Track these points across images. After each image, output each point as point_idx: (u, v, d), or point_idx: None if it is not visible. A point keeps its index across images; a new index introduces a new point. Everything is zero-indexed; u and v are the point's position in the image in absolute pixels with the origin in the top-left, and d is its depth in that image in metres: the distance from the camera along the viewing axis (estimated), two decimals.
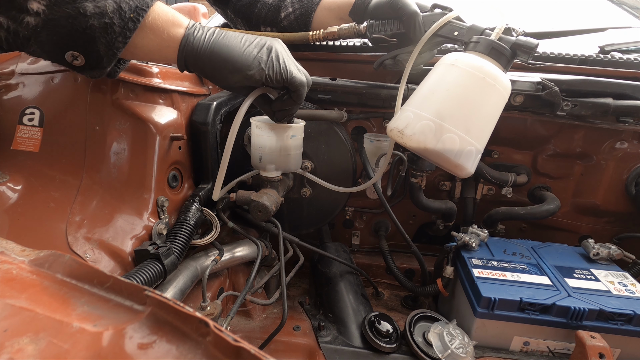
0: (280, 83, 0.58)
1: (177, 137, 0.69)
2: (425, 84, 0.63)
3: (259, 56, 0.55)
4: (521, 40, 0.60)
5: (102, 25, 0.45)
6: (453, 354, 0.63)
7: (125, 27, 0.47)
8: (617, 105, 0.77)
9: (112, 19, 0.46)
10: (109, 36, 0.47)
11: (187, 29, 0.54)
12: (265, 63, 0.55)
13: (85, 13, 0.44)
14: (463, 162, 0.58)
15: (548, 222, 0.99)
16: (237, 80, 0.56)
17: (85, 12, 0.44)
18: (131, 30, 0.48)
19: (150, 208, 0.65)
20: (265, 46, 0.56)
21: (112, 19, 0.46)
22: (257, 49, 0.56)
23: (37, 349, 0.22)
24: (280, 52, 0.57)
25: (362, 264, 1.04)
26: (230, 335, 0.22)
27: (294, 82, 0.58)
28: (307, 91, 0.62)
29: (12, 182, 0.56)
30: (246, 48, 0.55)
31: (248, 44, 0.56)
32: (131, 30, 0.48)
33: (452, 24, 0.67)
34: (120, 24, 0.47)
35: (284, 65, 0.57)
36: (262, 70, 0.55)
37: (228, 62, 0.54)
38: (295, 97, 0.61)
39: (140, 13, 0.48)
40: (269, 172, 0.72)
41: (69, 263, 0.30)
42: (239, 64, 0.54)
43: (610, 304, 0.64)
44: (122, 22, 0.47)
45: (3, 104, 0.61)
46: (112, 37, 0.47)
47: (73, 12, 0.44)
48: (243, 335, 0.76)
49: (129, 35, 0.48)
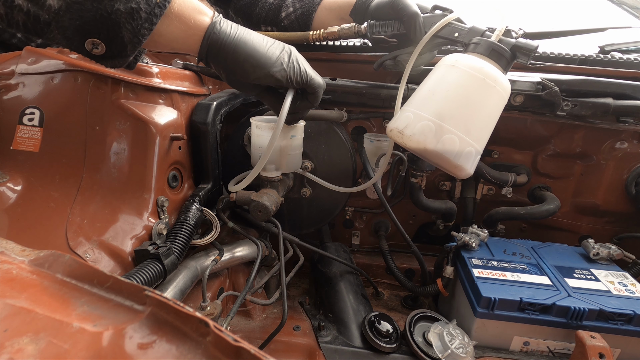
0: (300, 85, 0.59)
1: (177, 137, 0.69)
2: (425, 84, 0.63)
3: (281, 56, 0.57)
4: (521, 42, 0.60)
5: (128, 10, 0.44)
6: (453, 354, 0.63)
7: (152, 13, 0.46)
8: (617, 105, 0.77)
9: (139, 4, 0.44)
10: (135, 22, 0.45)
11: (212, 19, 0.53)
12: (287, 64, 0.57)
13: None
14: (462, 162, 0.58)
15: (548, 222, 0.99)
16: (258, 77, 0.56)
17: None
18: (157, 16, 0.47)
19: (150, 208, 0.65)
20: (285, 49, 0.58)
21: (138, 4, 0.44)
22: (278, 50, 0.57)
23: (37, 349, 0.22)
24: (299, 57, 0.59)
25: (362, 264, 1.04)
26: (230, 335, 0.22)
27: (313, 83, 0.60)
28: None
29: (12, 182, 0.56)
30: (270, 47, 0.56)
31: (271, 43, 0.57)
32: (157, 16, 0.47)
33: (453, 26, 0.67)
34: (146, 9, 0.45)
35: (304, 68, 0.59)
36: (284, 70, 0.56)
37: (252, 57, 0.55)
38: (312, 98, 0.63)
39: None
40: (269, 172, 0.72)
41: (69, 263, 0.30)
42: (263, 60, 0.55)
43: (610, 304, 0.64)
44: (149, 8, 0.45)
45: (3, 104, 0.61)
46: (137, 22, 0.45)
47: None
48: (243, 335, 0.76)
49: (155, 22, 0.47)
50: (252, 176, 0.63)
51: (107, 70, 0.60)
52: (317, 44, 0.90)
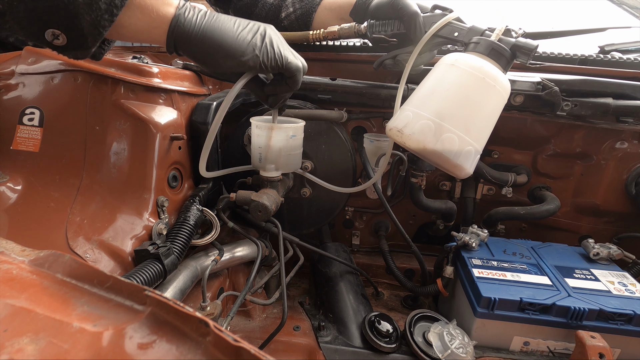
0: (275, 69, 0.56)
1: (177, 137, 0.69)
2: (425, 83, 0.63)
3: (253, 42, 0.53)
4: (521, 42, 0.60)
5: (86, 1, 0.42)
6: (453, 354, 0.63)
7: (112, 4, 0.44)
8: (617, 105, 0.77)
9: None
10: (94, 13, 0.43)
11: (177, 9, 0.50)
12: (259, 49, 0.53)
13: None
14: (462, 162, 0.58)
15: (548, 222, 0.99)
16: (230, 66, 0.54)
17: None
18: (118, 7, 0.44)
19: (150, 208, 0.65)
20: (258, 31, 0.54)
21: None
22: (250, 34, 0.54)
23: (37, 349, 0.22)
24: (274, 38, 0.55)
25: (362, 264, 1.04)
26: (230, 335, 0.22)
27: (290, 67, 0.57)
28: (302, 76, 0.61)
29: (12, 182, 0.56)
30: (240, 33, 0.53)
31: (242, 28, 0.53)
32: (118, 7, 0.44)
33: (453, 25, 0.67)
34: (106, 0, 0.43)
35: (278, 51, 0.55)
36: (256, 56, 0.53)
37: (221, 47, 0.52)
38: (291, 82, 0.59)
39: None
40: (269, 172, 0.72)
41: (69, 263, 0.30)
42: (233, 49, 0.52)
43: (610, 304, 0.64)
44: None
45: (3, 104, 0.61)
46: (97, 14, 0.43)
47: None
48: (243, 335, 0.76)
49: (116, 13, 0.45)
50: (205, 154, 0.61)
51: (107, 70, 0.60)
52: (317, 44, 0.90)
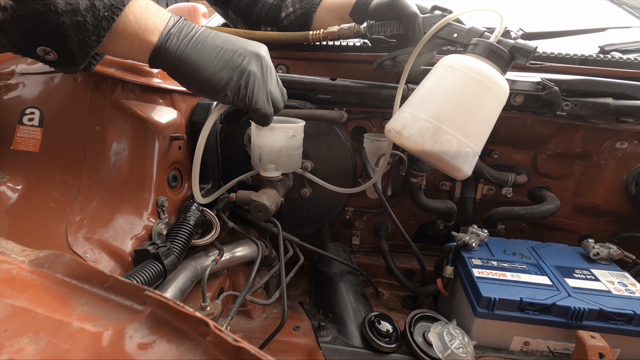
0: (245, 108, 0.57)
1: (177, 137, 0.69)
2: (424, 85, 0.63)
3: (227, 81, 0.53)
4: (520, 43, 0.60)
5: (74, 23, 0.43)
6: (453, 354, 0.63)
7: (99, 26, 0.45)
8: (617, 105, 0.77)
9: (85, 17, 0.43)
10: (82, 34, 0.44)
11: (159, 39, 0.49)
12: (231, 89, 0.53)
13: (57, 10, 0.42)
14: (460, 164, 0.58)
15: (548, 222, 0.99)
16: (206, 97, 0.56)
17: (57, 9, 0.41)
18: (105, 29, 0.45)
19: (150, 208, 0.65)
20: (238, 69, 0.53)
21: (84, 17, 0.43)
22: (227, 71, 0.52)
23: (37, 349, 0.22)
24: (252, 77, 0.54)
25: (362, 264, 1.04)
26: (230, 335, 0.22)
27: (258, 112, 0.57)
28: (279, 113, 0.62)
29: (12, 182, 0.56)
30: (217, 71, 0.52)
31: (222, 63, 0.52)
32: (105, 29, 0.45)
33: (452, 26, 0.67)
34: (93, 22, 0.44)
35: (250, 94, 0.54)
36: (226, 96, 0.54)
37: (195, 82, 0.52)
38: (260, 122, 0.61)
39: (115, 12, 0.45)
40: (269, 172, 0.72)
41: (69, 263, 0.30)
42: (205, 86, 0.53)
43: (610, 304, 0.64)
44: (96, 21, 0.44)
45: (3, 104, 0.61)
46: (84, 35, 0.44)
47: (43, 8, 0.41)
48: (243, 335, 0.76)
49: (103, 34, 0.46)
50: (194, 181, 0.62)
51: (107, 70, 0.60)
52: (317, 44, 0.90)
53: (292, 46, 0.89)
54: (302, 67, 0.91)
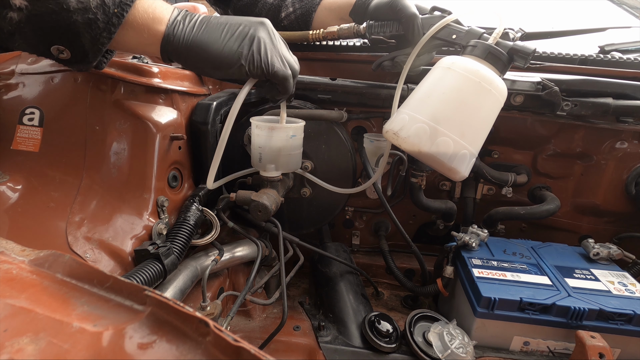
0: (262, 77, 0.56)
1: (177, 137, 0.69)
2: (422, 86, 0.63)
3: (239, 50, 0.53)
4: (518, 46, 0.60)
5: (85, 21, 0.45)
6: (453, 354, 0.63)
7: (110, 23, 0.46)
8: (617, 105, 0.77)
9: (96, 15, 0.45)
10: (93, 32, 0.46)
11: (167, 27, 0.52)
12: (245, 58, 0.53)
13: (69, 8, 0.43)
14: (457, 165, 0.58)
15: (548, 222, 0.99)
16: (220, 76, 0.56)
17: (69, 7, 0.43)
18: (115, 25, 0.47)
19: (150, 208, 0.65)
20: (247, 36, 0.54)
21: (95, 15, 0.45)
22: (237, 42, 0.53)
23: (37, 349, 0.22)
24: (262, 42, 0.54)
25: (362, 264, 1.04)
26: (230, 335, 0.22)
27: (277, 76, 0.56)
28: (295, 81, 0.61)
29: (12, 182, 0.56)
30: (226, 42, 0.53)
31: (229, 35, 0.53)
32: (115, 25, 0.47)
33: (451, 27, 0.67)
34: (104, 19, 0.46)
35: (265, 59, 0.54)
36: (242, 66, 0.54)
37: (208, 60, 0.53)
38: (282, 89, 0.59)
39: (124, 8, 0.47)
40: (269, 172, 0.72)
41: (69, 263, 0.30)
42: (218, 61, 0.53)
43: (610, 303, 0.64)
44: (106, 18, 0.46)
45: (3, 104, 0.61)
46: (96, 32, 0.46)
47: (56, 7, 0.43)
48: (243, 335, 0.76)
49: (114, 31, 0.47)
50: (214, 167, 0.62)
51: (107, 70, 0.60)
52: (317, 44, 0.90)
53: (292, 46, 0.89)
54: (302, 67, 0.90)
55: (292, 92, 0.62)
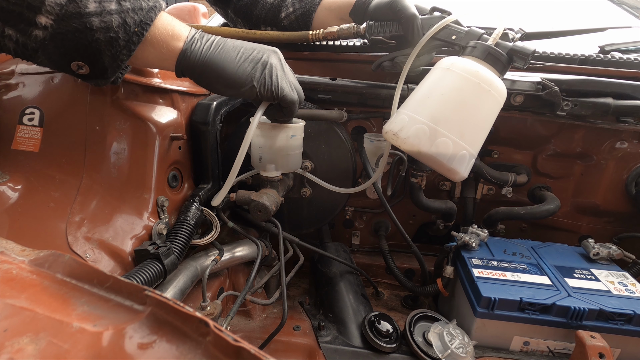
0: (271, 100, 0.60)
1: (177, 137, 0.69)
2: (422, 87, 0.64)
3: (252, 73, 0.56)
4: (518, 46, 0.60)
5: (107, 39, 0.47)
6: (453, 354, 0.63)
7: (130, 41, 0.49)
8: (617, 105, 0.77)
9: (118, 33, 0.47)
10: (114, 49, 0.48)
11: (185, 43, 0.54)
12: (257, 80, 0.57)
13: (92, 27, 0.45)
14: (456, 166, 0.58)
15: (548, 222, 0.99)
16: (232, 94, 0.58)
17: (92, 26, 0.45)
18: (135, 43, 0.49)
19: (150, 208, 0.65)
20: (260, 61, 0.57)
21: (117, 33, 0.47)
22: (251, 65, 0.57)
23: (37, 349, 0.22)
24: (274, 68, 0.58)
25: (362, 264, 1.04)
26: (230, 335, 0.22)
27: (285, 99, 0.60)
28: (299, 105, 0.64)
29: (12, 182, 0.56)
30: (241, 64, 0.56)
31: (244, 58, 0.57)
32: (135, 43, 0.49)
33: (450, 28, 0.67)
34: (125, 38, 0.48)
35: (275, 83, 0.58)
36: (253, 87, 0.57)
37: (221, 78, 0.56)
38: (287, 112, 0.63)
39: (144, 27, 0.49)
40: (269, 172, 0.72)
41: (69, 263, 0.30)
42: (232, 80, 0.56)
43: (610, 303, 0.64)
44: (127, 36, 0.48)
45: (3, 104, 0.61)
46: (116, 50, 0.48)
47: (80, 26, 0.45)
48: (243, 335, 0.76)
49: (133, 49, 0.49)
50: (226, 188, 0.64)
51: None
52: (317, 44, 0.90)
53: (292, 46, 0.89)
54: (302, 67, 0.91)
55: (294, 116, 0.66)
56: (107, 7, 0.46)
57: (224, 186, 0.63)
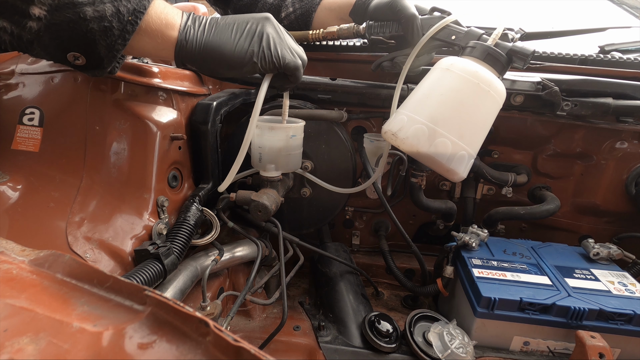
0: (274, 70, 0.59)
1: (177, 137, 0.69)
2: (421, 87, 0.64)
3: (251, 48, 0.55)
4: (517, 47, 0.60)
5: (101, 29, 0.47)
6: (453, 354, 0.63)
7: (124, 30, 0.48)
8: (617, 105, 0.77)
9: (111, 22, 0.47)
10: (109, 39, 0.48)
11: (179, 32, 0.54)
12: (257, 55, 0.56)
13: (85, 17, 0.45)
14: (455, 166, 0.58)
15: (548, 222, 0.99)
16: (233, 75, 0.58)
17: (85, 16, 0.45)
18: (130, 32, 0.49)
19: (150, 208, 0.65)
20: (256, 33, 0.56)
21: (111, 22, 0.47)
22: (248, 40, 0.56)
23: (37, 349, 0.22)
24: (271, 37, 0.57)
25: (362, 264, 1.04)
26: (230, 335, 0.22)
27: (288, 67, 0.59)
28: (304, 70, 0.63)
29: (12, 182, 0.56)
30: (237, 41, 0.55)
31: (239, 34, 0.56)
32: (130, 32, 0.49)
33: (450, 28, 0.67)
34: (119, 27, 0.48)
35: (275, 53, 0.57)
36: (255, 64, 0.56)
37: (222, 61, 0.55)
38: (292, 79, 0.62)
39: (138, 16, 0.49)
40: (269, 172, 0.72)
41: (69, 263, 0.30)
42: (232, 61, 0.55)
43: (610, 303, 0.64)
44: (121, 25, 0.48)
45: (3, 104, 0.61)
46: (111, 39, 0.48)
47: (73, 16, 0.45)
48: (243, 335, 0.76)
49: (128, 37, 0.49)
50: (233, 172, 0.63)
51: None
52: (317, 44, 0.90)
53: None
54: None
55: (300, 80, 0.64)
56: None
57: (232, 169, 0.62)
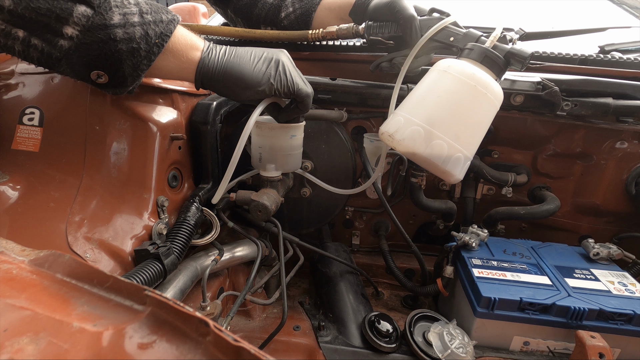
0: (287, 95, 0.62)
1: (177, 137, 0.69)
2: (418, 89, 0.64)
3: (268, 71, 0.59)
4: (515, 49, 0.60)
5: (129, 50, 0.49)
6: (453, 354, 0.63)
7: (151, 52, 0.51)
8: (617, 105, 0.77)
9: (139, 44, 0.49)
10: (135, 59, 0.50)
11: (202, 52, 0.57)
12: (273, 78, 0.59)
13: (115, 38, 0.47)
14: (451, 168, 0.58)
15: (548, 222, 0.99)
16: (248, 95, 0.60)
17: (116, 37, 0.47)
18: (155, 54, 0.52)
19: (150, 208, 0.65)
20: (272, 60, 0.60)
21: (139, 44, 0.49)
22: (265, 64, 0.60)
23: (37, 349, 0.22)
24: (286, 65, 0.61)
25: (362, 264, 1.04)
26: (230, 335, 0.22)
27: (300, 93, 0.62)
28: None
29: (12, 182, 0.56)
30: (255, 65, 0.59)
31: (257, 59, 0.60)
32: (155, 54, 0.52)
33: (449, 29, 0.67)
34: (146, 49, 0.50)
35: (290, 79, 0.60)
36: (271, 85, 0.59)
37: (240, 80, 0.58)
38: (302, 107, 0.65)
39: (164, 39, 0.52)
40: (269, 172, 0.72)
41: (68, 263, 0.30)
42: (250, 81, 0.58)
43: (610, 303, 0.64)
44: (148, 47, 0.50)
45: (3, 104, 0.61)
46: (137, 60, 0.50)
47: (104, 37, 0.47)
48: (243, 335, 0.76)
49: (153, 59, 0.52)
50: (223, 185, 0.64)
51: None
52: (317, 44, 0.90)
53: (292, 46, 0.89)
54: (302, 67, 0.90)
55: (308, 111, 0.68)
56: (130, 20, 0.48)
57: (223, 180, 0.63)
